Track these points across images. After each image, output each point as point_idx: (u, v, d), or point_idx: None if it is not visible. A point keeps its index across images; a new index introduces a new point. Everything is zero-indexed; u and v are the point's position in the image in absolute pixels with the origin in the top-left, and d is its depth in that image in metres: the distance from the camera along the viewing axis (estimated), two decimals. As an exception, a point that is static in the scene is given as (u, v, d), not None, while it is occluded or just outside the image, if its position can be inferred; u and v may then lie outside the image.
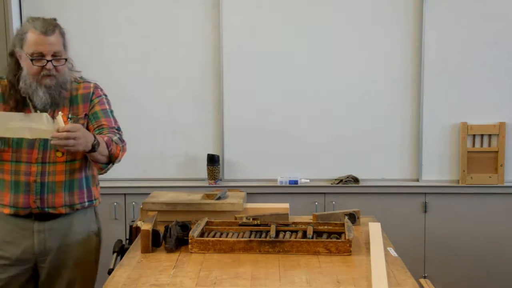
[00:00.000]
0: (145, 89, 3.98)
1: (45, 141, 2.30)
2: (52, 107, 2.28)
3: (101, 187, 3.90)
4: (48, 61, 2.22)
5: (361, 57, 3.94)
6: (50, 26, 2.22)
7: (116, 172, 3.89)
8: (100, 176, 2.56)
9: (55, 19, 2.31)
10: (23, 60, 2.25)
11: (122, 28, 3.95)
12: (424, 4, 3.87)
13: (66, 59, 2.28)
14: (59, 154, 2.33)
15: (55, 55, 2.24)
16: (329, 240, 2.23)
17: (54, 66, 2.24)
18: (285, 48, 3.94)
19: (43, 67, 2.22)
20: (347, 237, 2.22)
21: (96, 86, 2.47)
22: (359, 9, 3.91)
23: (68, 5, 3.91)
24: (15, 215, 2.34)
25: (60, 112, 2.16)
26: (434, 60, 3.91)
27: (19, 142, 2.30)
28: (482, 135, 3.94)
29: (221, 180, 3.99)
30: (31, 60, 2.21)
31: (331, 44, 3.94)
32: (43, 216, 2.35)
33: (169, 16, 3.93)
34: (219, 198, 2.70)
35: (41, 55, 2.22)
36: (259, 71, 3.96)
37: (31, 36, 2.21)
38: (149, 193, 2.84)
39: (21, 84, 2.25)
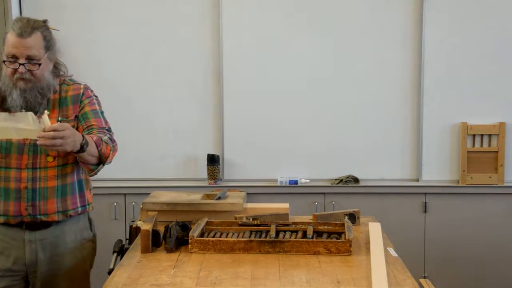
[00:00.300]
0: (145, 89, 3.97)
1: (35, 146, 2.21)
2: (26, 111, 2.16)
3: (101, 187, 3.89)
4: (20, 64, 2.14)
5: (362, 57, 3.94)
6: (28, 28, 2.13)
7: (116, 172, 3.93)
8: (100, 176, 2.53)
9: (44, 21, 2.23)
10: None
11: (122, 28, 3.95)
12: (424, 4, 3.87)
13: (40, 64, 2.17)
14: (50, 159, 2.25)
15: (30, 59, 2.15)
16: (329, 240, 2.23)
17: (29, 70, 2.16)
18: (286, 48, 3.94)
19: (16, 70, 2.15)
20: (347, 237, 2.22)
21: (86, 87, 2.39)
22: (359, 10, 3.91)
23: (68, 5, 3.91)
24: (6, 224, 2.27)
25: (46, 111, 2.08)
26: (434, 60, 3.91)
27: (8, 147, 2.23)
28: (482, 135, 3.94)
29: (221, 180, 3.99)
30: (4, 61, 2.15)
31: (331, 44, 3.94)
32: (34, 225, 2.28)
33: (169, 16, 3.93)
34: (219, 198, 2.70)
35: (15, 58, 2.14)
36: (259, 71, 3.96)
37: (9, 37, 2.14)
38: (149, 193, 2.84)
39: (1, 83, 2.20)
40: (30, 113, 2.07)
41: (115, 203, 3.90)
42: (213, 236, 2.32)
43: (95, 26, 3.93)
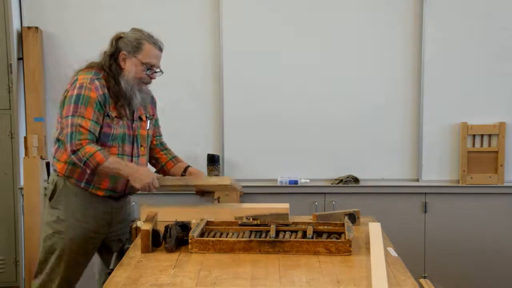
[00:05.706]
0: (145, 89, 3.97)
1: (135, 137, 2.67)
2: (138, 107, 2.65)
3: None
4: (155, 72, 2.66)
5: (362, 56, 3.94)
6: (162, 44, 2.69)
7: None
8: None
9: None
10: (131, 64, 2.60)
11: (122, 28, 3.93)
12: (424, 4, 3.87)
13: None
14: (142, 149, 2.71)
15: (159, 68, 2.67)
16: (329, 240, 2.23)
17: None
18: (285, 48, 3.94)
19: (148, 76, 2.63)
20: (347, 237, 2.22)
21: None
22: (359, 9, 3.91)
23: (69, 5, 3.91)
24: (110, 197, 2.67)
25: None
26: (434, 60, 3.91)
27: (123, 138, 2.62)
28: (482, 135, 3.94)
29: (221, 180, 3.99)
30: (147, 69, 2.61)
31: (331, 44, 3.94)
32: (118, 197, 2.72)
33: (169, 16, 3.93)
34: None
35: (153, 67, 2.64)
36: (259, 71, 3.96)
37: (152, 49, 2.62)
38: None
39: (123, 84, 2.57)
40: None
41: (115, 203, 3.89)
42: (213, 236, 2.32)
43: (95, 26, 3.92)
